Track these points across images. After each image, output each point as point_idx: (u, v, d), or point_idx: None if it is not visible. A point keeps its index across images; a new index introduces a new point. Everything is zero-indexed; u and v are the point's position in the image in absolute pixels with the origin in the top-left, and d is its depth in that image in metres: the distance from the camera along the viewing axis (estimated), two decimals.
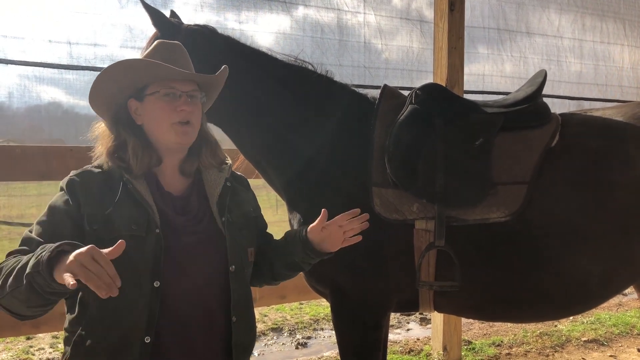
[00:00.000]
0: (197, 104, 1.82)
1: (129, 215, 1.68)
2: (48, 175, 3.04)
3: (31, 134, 8.58)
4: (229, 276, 1.82)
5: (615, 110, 2.36)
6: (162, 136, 1.78)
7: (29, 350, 4.86)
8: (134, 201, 1.72)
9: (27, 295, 1.46)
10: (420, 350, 4.64)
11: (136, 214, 1.69)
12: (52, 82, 3.79)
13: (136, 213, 1.70)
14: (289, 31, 4.34)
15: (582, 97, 5.38)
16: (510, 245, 2.17)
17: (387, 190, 2.22)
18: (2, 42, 3.62)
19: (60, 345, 5.01)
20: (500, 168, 2.19)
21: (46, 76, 3.72)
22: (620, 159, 2.17)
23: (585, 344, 4.87)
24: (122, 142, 1.78)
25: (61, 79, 3.72)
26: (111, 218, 1.67)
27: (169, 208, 1.79)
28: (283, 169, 2.45)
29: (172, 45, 1.83)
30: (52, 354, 4.81)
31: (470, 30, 4.56)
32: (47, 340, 5.11)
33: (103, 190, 1.72)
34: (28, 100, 3.85)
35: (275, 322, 5.71)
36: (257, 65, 2.41)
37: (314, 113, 2.42)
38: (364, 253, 2.23)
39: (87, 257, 1.33)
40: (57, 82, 3.76)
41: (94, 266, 1.32)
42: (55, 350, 4.91)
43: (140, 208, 1.71)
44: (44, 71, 3.67)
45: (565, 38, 5.27)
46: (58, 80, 3.73)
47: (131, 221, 1.68)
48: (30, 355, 4.76)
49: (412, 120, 2.27)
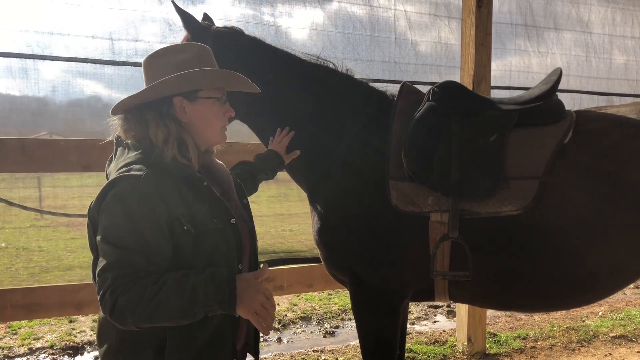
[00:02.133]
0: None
1: (208, 211, 1.80)
2: (90, 167, 3.23)
3: (73, 127, 8.88)
4: (256, 249, 2.08)
5: (630, 108, 2.41)
6: (212, 137, 1.93)
7: (72, 332, 5.14)
8: (208, 196, 1.83)
9: None
10: (445, 342, 4.72)
11: (213, 209, 1.82)
12: (94, 76, 3.95)
13: (213, 207, 1.82)
14: (321, 26, 4.40)
15: (611, 92, 5.35)
16: (522, 237, 2.25)
17: (403, 184, 2.33)
18: (48, 39, 3.81)
19: None
20: (514, 163, 2.27)
21: (88, 71, 3.89)
22: (631, 155, 2.22)
23: (613, 339, 4.87)
24: (181, 138, 1.83)
25: (102, 73, 3.89)
26: (196, 215, 1.76)
27: (224, 198, 1.96)
28: (307, 162, 2.58)
29: (207, 49, 1.93)
30: (93, 337, 5.07)
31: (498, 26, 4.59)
32: (87, 323, 5.39)
33: (180, 190, 1.76)
34: (71, 94, 4.02)
35: (304, 312, 5.87)
36: (282, 64, 2.55)
37: (336, 109, 2.54)
38: (381, 244, 2.36)
39: (264, 298, 1.68)
40: (98, 77, 3.92)
41: (269, 304, 1.69)
42: (95, 333, 5.16)
43: (215, 202, 1.84)
44: (86, 66, 3.83)
45: (594, 34, 5.24)
46: (99, 75, 3.89)
47: (212, 215, 1.80)
48: (73, 337, 5.04)
49: (428, 116, 2.37)
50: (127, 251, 1.63)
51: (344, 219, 2.43)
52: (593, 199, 2.22)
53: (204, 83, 1.85)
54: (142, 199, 1.66)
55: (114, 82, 3.94)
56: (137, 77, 3.80)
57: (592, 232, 2.22)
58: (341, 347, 4.76)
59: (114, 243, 1.64)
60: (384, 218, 2.35)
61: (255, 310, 1.66)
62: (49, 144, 3.24)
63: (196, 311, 1.63)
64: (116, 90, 3.97)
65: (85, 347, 4.88)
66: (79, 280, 6.09)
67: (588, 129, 2.32)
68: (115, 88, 3.97)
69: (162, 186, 1.71)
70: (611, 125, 2.31)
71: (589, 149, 2.27)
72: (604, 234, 2.21)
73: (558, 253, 2.23)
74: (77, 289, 3.35)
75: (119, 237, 1.64)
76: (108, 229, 1.65)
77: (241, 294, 1.65)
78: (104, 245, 1.65)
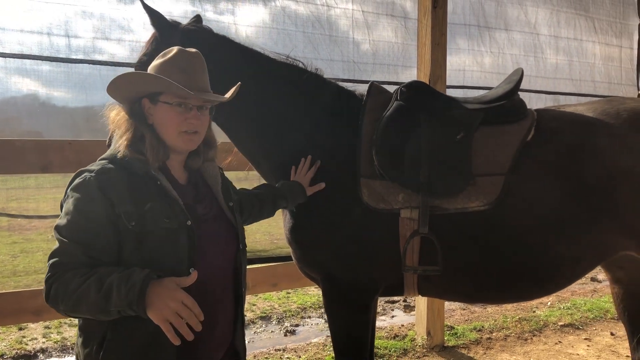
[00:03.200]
0: (206, 115, 1.97)
1: (160, 210, 1.79)
2: (47, 168, 3.13)
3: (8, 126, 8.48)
4: (239, 254, 2.04)
5: (587, 107, 2.53)
6: (169, 141, 1.91)
7: (22, 340, 4.96)
8: (162, 195, 1.83)
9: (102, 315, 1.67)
10: (405, 336, 4.82)
11: (167, 208, 1.81)
12: (28, 73, 3.72)
13: (166, 207, 1.81)
14: (269, 24, 4.32)
15: (557, 91, 5.59)
16: (489, 232, 2.34)
17: (374, 182, 2.37)
18: None
19: (53, 335, 5.11)
20: (480, 160, 2.35)
21: (22, 67, 3.66)
22: (590, 152, 2.34)
23: (562, 328, 5.09)
24: (140, 135, 1.87)
25: (37, 70, 3.68)
26: (145, 214, 1.76)
27: (188, 198, 1.93)
28: (278, 162, 2.59)
29: (191, 55, 1.92)
30: (45, 344, 4.91)
31: (452, 27, 4.71)
32: (39, 330, 5.20)
33: (131, 187, 1.79)
34: (5, 92, 3.82)
35: (263, 311, 5.86)
36: (253, 64, 2.55)
37: (306, 110, 2.56)
38: (353, 240, 2.40)
39: (179, 304, 1.58)
40: (32, 74, 3.70)
41: (185, 312, 1.59)
42: (48, 340, 5.00)
43: (169, 202, 1.82)
44: (20, 62, 3.62)
45: (541, 35, 5.47)
46: (34, 71, 3.68)
47: (163, 215, 1.79)
48: (24, 345, 4.86)
49: (397, 115, 2.42)
50: (68, 241, 1.70)
51: (316, 217, 2.46)
52: (554, 194, 2.32)
53: (162, 86, 1.84)
54: (86, 193, 1.74)
55: (48, 79, 3.71)
56: (76, 74, 3.66)
57: (553, 226, 2.32)
58: (303, 345, 4.79)
59: (59, 232, 1.73)
60: (356, 215, 2.39)
61: (166, 316, 1.58)
62: (6, 145, 3.12)
63: (110, 309, 1.60)
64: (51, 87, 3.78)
65: (38, 355, 4.71)
66: (26, 287, 5.87)
67: (549, 127, 2.42)
68: (50, 85, 3.77)
69: (111, 182, 1.76)
70: (570, 123, 2.42)
71: (550, 147, 2.38)
72: (564, 228, 2.32)
73: (523, 246, 2.33)
74: (35, 295, 3.24)
75: (63, 227, 1.73)
76: (59, 219, 1.76)
77: (153, 298, 1.58)
78: (54, 233, 1.75)
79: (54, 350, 4.83)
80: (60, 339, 5.03)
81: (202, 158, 2.05)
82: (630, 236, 2.33)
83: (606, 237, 2.34)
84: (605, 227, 2.31)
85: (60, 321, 5.34)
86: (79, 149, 3.21)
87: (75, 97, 3.60)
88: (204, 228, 1.92)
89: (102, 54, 3.64)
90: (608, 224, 2.31)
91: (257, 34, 4.19)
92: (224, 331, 1.99)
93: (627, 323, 2.86)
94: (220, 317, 1.96)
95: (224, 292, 1.99)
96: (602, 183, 2.30)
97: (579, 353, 4.48)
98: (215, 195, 2.06)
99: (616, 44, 6.06)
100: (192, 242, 1.83)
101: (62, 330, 5.27)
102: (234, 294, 2.04)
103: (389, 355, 4.39)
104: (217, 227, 1.99)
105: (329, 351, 4.52)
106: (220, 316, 1.96)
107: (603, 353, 4.48)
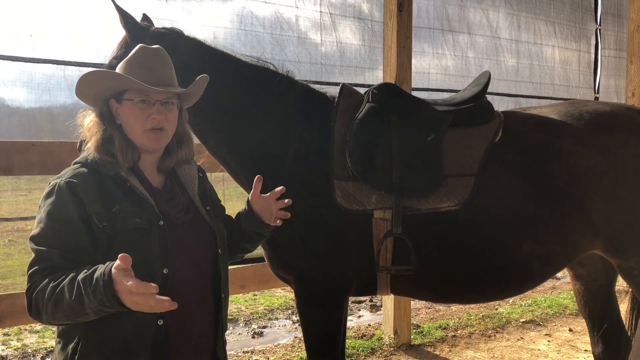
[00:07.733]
0: (172, 110, 1.92)
1: (131, 210, 1.78)
2: (10, 170, 3.04)
3: None
4: (217, 259, 2.00)
5: (551, 109, 2.62)
6: (135, 139, 1.89)
7: None
8: (134, 196, 1.82)
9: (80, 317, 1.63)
10: (372, 335, 4.87)
11: (138, 209, 1.80)
12: None
13: (138, 207, 1.80)
14: (228, 25, 4.25)
15: (519, 94, 5.75)
16: (461, 231, 2.39)
17: (347, 183, 2.40)
18: None
19: (13, 342, 4.96)
20: (450, 161, 2.41)
21: None
22: (555, 152, 2.42)
23: (524, 324, 5.23)
24: (109, 137, 1.86)
25: None
26: (116, 214, 1.76)
27: (161, 201, 1.91)
28: (248, 163, 2.58)
29: (152, 51, 1.91)
30: (5, 351, 4.77)
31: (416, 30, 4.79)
32: None
33: (101, 188, 1.79)
34: None
35: (230, 313, 5.82)
36: (222, 67, 2.53)
37: (277, 111, 2.56)
38: (327, 242, 2.41)
39: (130, 294, 1.48)
40: None
41: (139, 297, 1.48)
42: (7, 347, 4.86)
43: (140, 202, 1.82)
44: None
45: (502, 38, 5.61)
46: None
47: (134, 215, 1.78)
48: None
49: (369, 117, 2.45)
50: (43, 248, 1.69)
51: (289, 219, 2.45)
52: (522, 194, 2.39)
53: (123, 83, 1.83)
54: (58, 198, 1.74)
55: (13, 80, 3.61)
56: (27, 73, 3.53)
57: (522, 226, 2.39)
58: (271, 346, 4.78)
59: (33, 241, 1.72)
60: (329, 217, 2.40)
61: (134, 300, 1.50)
62: None
63: (87, 311, 1.58)
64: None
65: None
66: None
67: (515, 129, 2.50)
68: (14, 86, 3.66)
69: (81, 184, 1.76)
70: (536, 125, 2.50)
71: (516, 148, 2.45)
72: (533, 227, 2.39)
73: (494, 245, 2.39)
74: None
75: (36, 236, 1.71)
76: (33, 230, 1.74)
77: (119, 288, 1.51)
78: (29, 244, 1.73)
79: (14, 357, 4.69)
80: (20, 346, 4.90)
81: (176, 157, 2.01)
82: (595, 235, 2.42)
83: (573, 237, 2.42)
84: (572, 227, 2.39)
85: (19, 328, 5.19)
86: (43, 150, 3.13)
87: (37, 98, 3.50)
88: (178, 230, 1.89)
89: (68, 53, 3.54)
90: (574, 224, 2.39)
91: (225, 35, 4.15)
92: (204, 337, 1.96)
93: (588, 318, 2.97)
94: (198, 323, 1.92)
95: (202, 296, 1.94)
96: (567, 183, 2.38)
97: (540, 348, 4.62)
98: (192, 198, 2.03)
99: (575, 48, 6.28)
100: (164, 242, 1.81)
101: (22, 337, 5.13)
102: (214, 299, 2.00)
103: (357, 355, 4.43)
104: (192, 230, 1.96)
105: (297, 352, 4.53)
106: (198, 322, 1.92)
107: (563, 348, 4.63)
